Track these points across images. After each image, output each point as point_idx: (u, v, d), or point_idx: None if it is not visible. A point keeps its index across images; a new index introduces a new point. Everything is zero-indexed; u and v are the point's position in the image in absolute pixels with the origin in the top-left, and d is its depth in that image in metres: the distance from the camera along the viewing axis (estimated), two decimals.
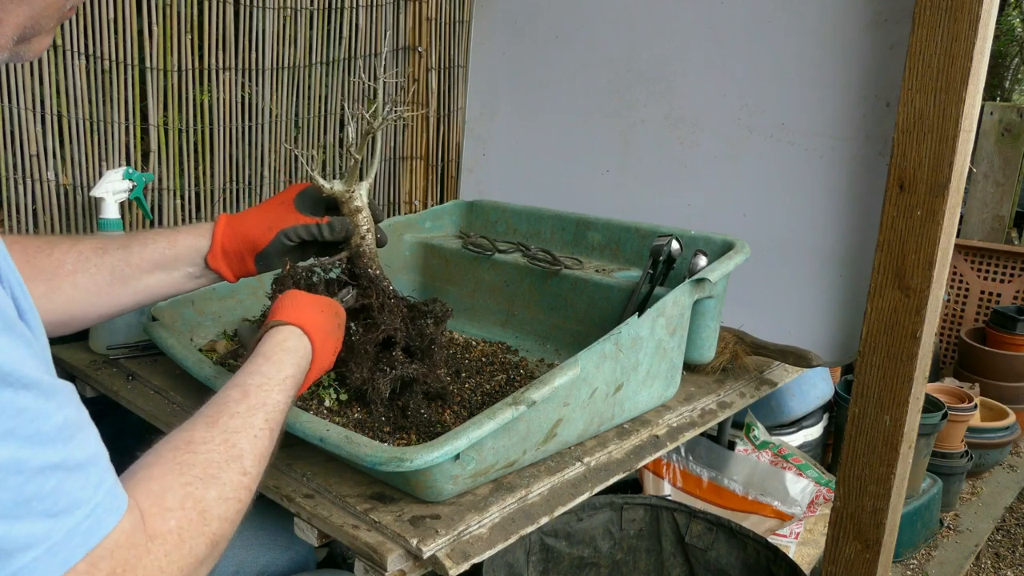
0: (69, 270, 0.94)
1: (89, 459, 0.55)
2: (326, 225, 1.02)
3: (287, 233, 1.01)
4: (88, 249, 0.97)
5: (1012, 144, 4.09)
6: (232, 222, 1.02)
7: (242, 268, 1.03)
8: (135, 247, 0.99)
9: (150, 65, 1.74)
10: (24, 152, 1.60)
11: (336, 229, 1.02)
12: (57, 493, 0.51)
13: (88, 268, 0.95)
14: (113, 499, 0.56)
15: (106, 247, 0.98)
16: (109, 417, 0.98)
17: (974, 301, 3.71)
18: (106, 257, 0.97)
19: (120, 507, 0.56)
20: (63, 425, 0.53)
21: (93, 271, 0.96)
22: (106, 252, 0.97)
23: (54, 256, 0.95)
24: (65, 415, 0.53)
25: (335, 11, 2.04)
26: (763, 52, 1.47)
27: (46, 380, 0.52)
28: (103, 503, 0.54)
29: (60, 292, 0.94)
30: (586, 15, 1.74)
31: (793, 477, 1.98)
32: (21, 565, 0.49)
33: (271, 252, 1.02)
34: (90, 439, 0.56)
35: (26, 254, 0.93)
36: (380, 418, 1.07)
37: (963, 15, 1.05)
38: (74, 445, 0.53)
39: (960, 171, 1.11)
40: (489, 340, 1.43)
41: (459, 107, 2.29)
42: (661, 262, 1.35)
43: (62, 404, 0.53)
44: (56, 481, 0.51)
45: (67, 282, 0.94)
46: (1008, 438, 2.94)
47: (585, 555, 1.62)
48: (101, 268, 0.96)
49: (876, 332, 1.18)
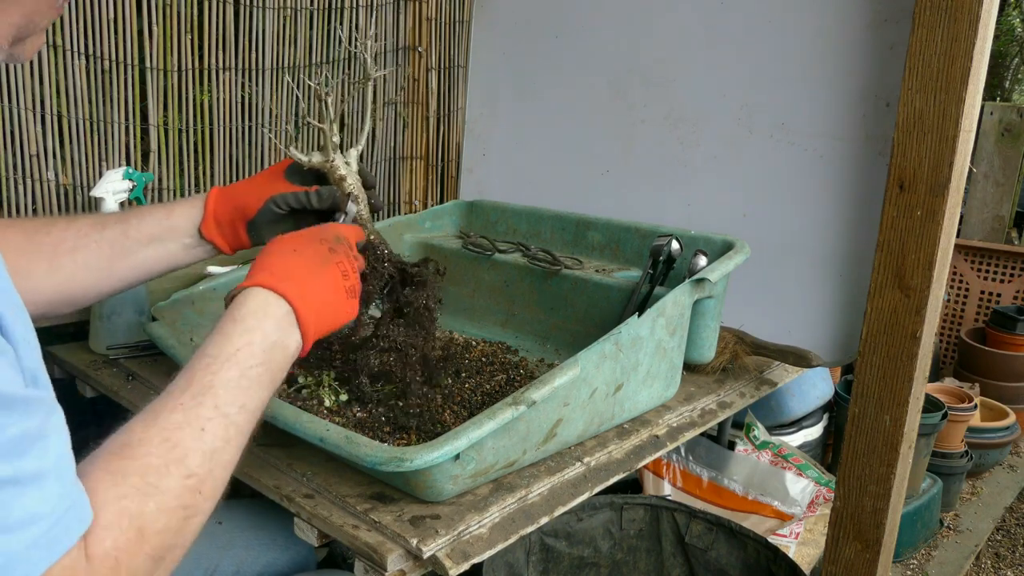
0: (69, 247, 0.94)
1: (47, 471, 0.52)
2: (314, 193, 1.01)
3: (276, 200, 1.00)
4: (87, 226, 0.97)
5: (1012, 144, 4.09)
6: (224, 192, 1.03)
7: (235, 238, 1.03)
8: (132, 221, 0.99)
9: (150, 65, 1.74)
10: (24, 152, 1.60)
11: (323, 197, 1.01)
12: (9, 507, 0.49)
13: (88, 244, 0.96)
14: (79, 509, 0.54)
15: (104, 223, 0.98)
16: (109, 417, 0.98)
17: (974, 301, 3.71)
18: (105, 232, 0.97)
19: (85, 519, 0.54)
20: (18, 438, 0.50)
21: (93, 247, 0.96)
22: (105, 227, 0.97)
23: (54, 234, 0.95)
24: (24, 427, 0.51)
25: (335, 11, 2.04)
26: (763, 52, 1.47)
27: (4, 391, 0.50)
28: (65, 517, 0.52)
29: (61, 270, 0.94)
30: (586, 15, 1.74)
31: (793, 477, 1.98)
32: None
33: (261, 221, 1.01)
34: (49, 451, 0.53)
35: (25, 233, 0.93)
36: (380, 418, 1.07)
37: (963, 15, 1.05)
38: (30, 458, 0.51)
39: (960, 171, 1.11)
40: (489, 340, 1.43)
41: (459, 107, 2.29)
42: (661, 262, 1.35)
43: (22, 416, 0.51)
44: (7, 495, 0.49)
45: (68, 259, 0.94)
46: (1008, 438, 2.95)
47: (585, 555, 1.62)
48: (101, 244, 0.96)
49: (876, 332, 1.18)
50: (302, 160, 1.02)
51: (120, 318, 1.41)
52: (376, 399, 1.10)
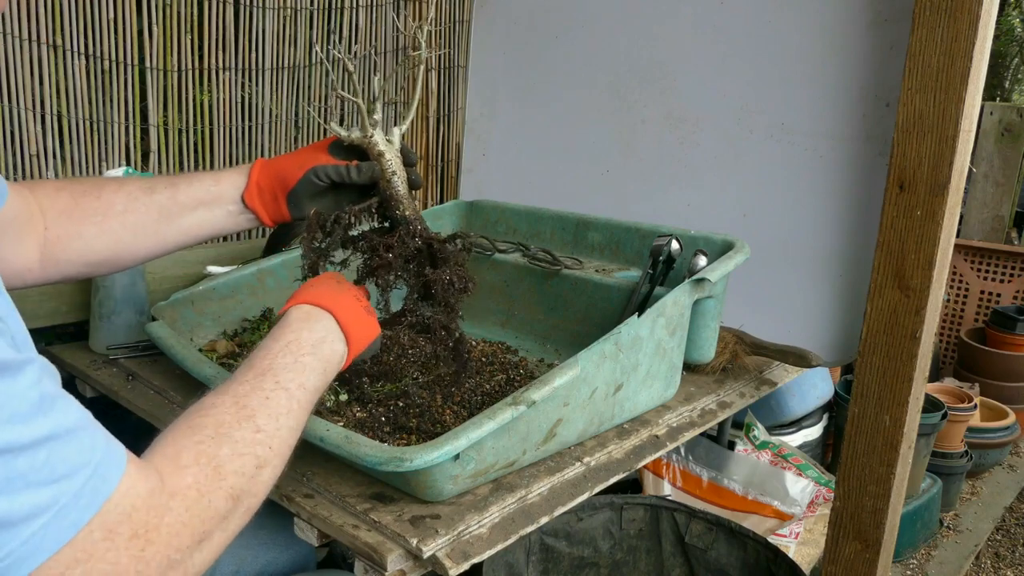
0: (120, 210, 0.98)
1: (76, 424, 0.56)
2: (354, 168, 1.03)
3: (316, 172, 1.02)
4: (136, 189, 1.00)
5: (1012, 144, 4.09)
6: (268, 163, 1.06)
7: (276, 209, 1.05)
8: (182, 185, 1.02)
9: (150, 65, 1.74)
10: (24, 152, 1.60)
11: (363, 171, 1.03)
12: (52, 462, 0.53)
13: (138, 208, 0.99)
14: (110, 454, 0.57)
15: (153, 186, 1.01)
16: (109, 417, 0.98)
17: (974, 301, 3.71)
18: (155, 196, 1.00)
19: (120, 461, 0.58)
20: (39, 400, 0.54)
21: (143, 210, 0.99)
22: (154, 191, 1.01)
23: (103, 198, 0.98)
24: (40, 390, 0.54)
25: (335, 11, 2.04)
26: (763, 52, 1.47)
27: (13, 359, 0.53)
28: (103, 461, 0.56)
29: (110, 233, 0.98)
30: (586, 15, 1.74)
31: (793, 477, 1.98)
32: (31, 533, 0.51)
33: (301, 191, 1.03)
34: (71, 406, 0.57)
35: (73, 196, 0.97)
36: (380, 418, 1.07)
37: (963, 15, 1.05)
38: (57, 415, 0.55)
39: (960, 171, 1.11)
40: (489, 340, 1.43)
41: (459, 107, 2.29)
42: (661, 262, 1.35)
43: (34, 381, 0.54)
44: (47, 452, 0.53)
45: (117, 222, 0.98)
46: (1008, 438, 2.94)
47: (585, 555, 1.62)
48: (150, 207, 1.00)
49: (876, 332, 1.18)
50: (342, 135, 1.04)
51: (120, 318, 1.41)
52: (376, 399, 1.10)
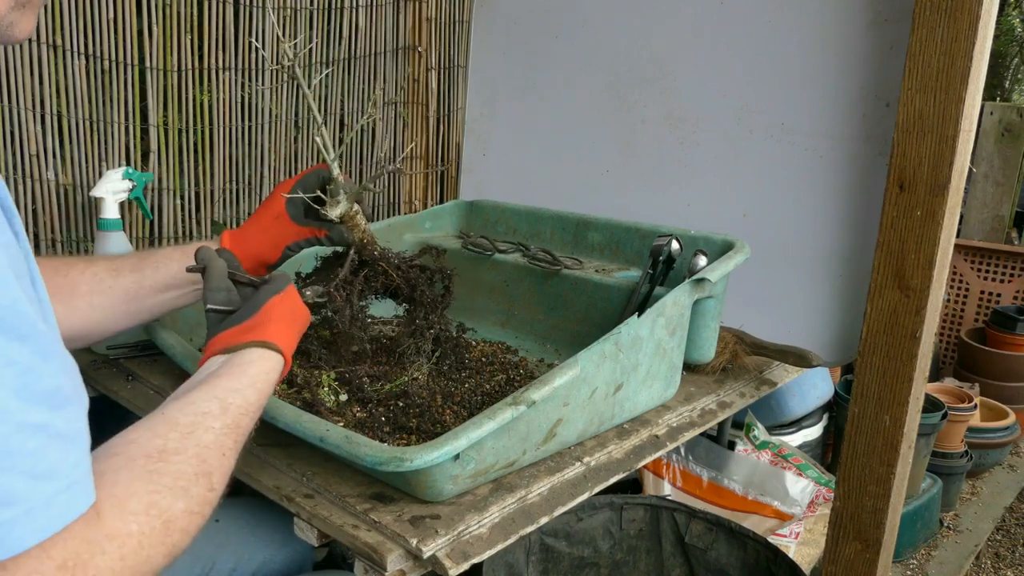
0: (85, 291, 0.99)
1: (73, 435, 0.55)
2: (325, 239, 1.12)
3: (291, 248, 1.11)
4: (102, 271, 1.01)
5: (1012, 144, 4.09)
6: (238, 240, 1.09)
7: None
8: (147, 270, 1.03)
9: (150, 65, 1.74)
10: (24, 152, 1.60)
11: (335, 241, 1.13)
12: (37, 455, 0.51)
13: (103, 290, 1.00)
14: (87, 484, 0.56)
15: (119, 269, 1.02)
16: (109, 417, 0.98)
17: (974, 301, 3.71)
18: (120, 280, 1.01)
19: (90, 497, 0.56)
20: (54, 391, 0.53)
21: (108, 292, 1.00)
22: (119, 274, 1.01)
23: (70, 277, 0.99)
24: (58, 383, 0.54)
25: (335, 11, 2.04)
26: (763, 52, 1.47)
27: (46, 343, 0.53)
28: (79, 483, 0.54)
29: (77, 311, 0.99)
30: (586, 15, 1.74)
31: (793, 477, 1.98)
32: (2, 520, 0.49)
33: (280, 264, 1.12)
34: (79, 418, 0.56)
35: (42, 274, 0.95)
36: (380, 418, 1.08)
37: (963, 15, 1.05)
38: (62, 415, 0.54)
39: (960, 171, 1.11)
40: (489, 340, 1.43)
41: (459, 107, 2.29)
42: (661, 262, 1.35)
43: (57, 372, 0.54)
44: (37, 443, 0.51)
45: (83, 302, 0.99)
46: (1008, 438, 2.94)
47: (585, 555, 1.62)
48: (115, 289, 1.01)
49: (876, 332, 1.18)
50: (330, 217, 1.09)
51: None
52: (376, 399, 1.10)
